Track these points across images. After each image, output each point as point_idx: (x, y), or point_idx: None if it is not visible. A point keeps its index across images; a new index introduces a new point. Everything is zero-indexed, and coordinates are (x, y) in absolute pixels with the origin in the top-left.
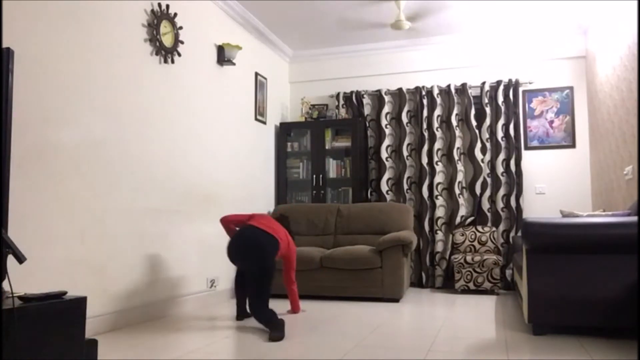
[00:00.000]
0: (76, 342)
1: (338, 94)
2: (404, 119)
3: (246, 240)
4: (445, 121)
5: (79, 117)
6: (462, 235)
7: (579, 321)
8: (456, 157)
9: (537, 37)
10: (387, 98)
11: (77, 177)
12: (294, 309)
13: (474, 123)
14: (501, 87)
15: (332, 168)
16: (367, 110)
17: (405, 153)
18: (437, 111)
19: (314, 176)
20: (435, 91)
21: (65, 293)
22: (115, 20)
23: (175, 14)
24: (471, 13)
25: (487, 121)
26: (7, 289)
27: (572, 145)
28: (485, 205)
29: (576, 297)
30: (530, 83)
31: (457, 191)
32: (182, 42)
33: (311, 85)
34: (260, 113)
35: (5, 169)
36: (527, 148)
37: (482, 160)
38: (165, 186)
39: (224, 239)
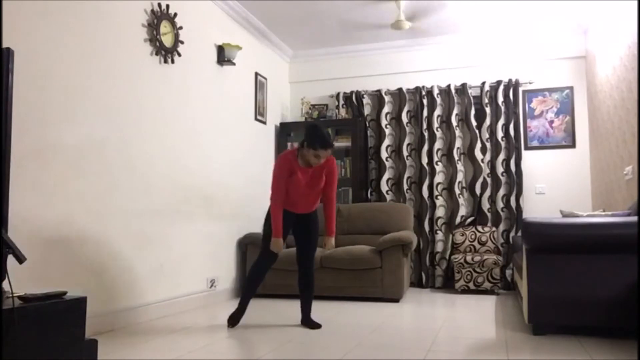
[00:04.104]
0: (76, 342)
1: (338, 94)
2: (404, 119)
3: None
4: (445, 121)
5: (79, 117)
6: (462, 235)
7: (579, 321)
8: (456, 157)
9: (537, 37)
10: (387, 98)
11: (77, 177)
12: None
13: (474, 123)
14: (501, 87)
15: None
16: (367, 110)
17: (405, 153)
18: (437, 111)
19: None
20: (435, 91)
21: (65, 293)
22: (115, 20)
23: (175, 14)
24: (471, 13)
25: (487, 121)
26: (7, 289)
27: (572, 145)
28: (485, 205)
29: (576, 297)
30: (530, 83)
31: (457, 191)
32: (182, 42)
33: (311, 85)
34: (260, 113)
35: (5, 169)
36: (527, 148)
37: (482, 160)
38: (165, 186)
39: (224, 239)
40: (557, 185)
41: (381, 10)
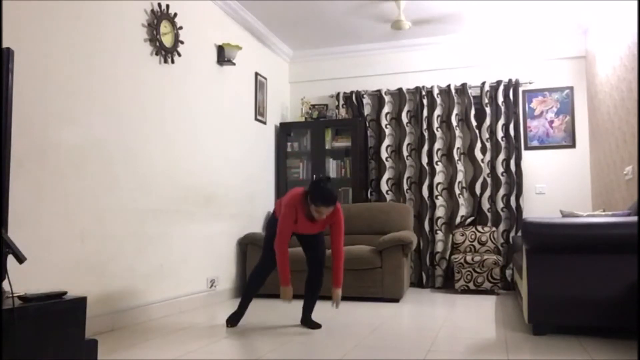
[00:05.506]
0: (76, 342)
1: (338, 94)
2: (404, 119)
3: None
4: (445, 121)
5: (79, 117)
6: (462, 235)
7: (579, 321)
8: (456, 157)
9: (537, 37)
10: (387, 98)
11: (77, 177)
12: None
13: (474, 123)
14: (501, 87)
15: (332, 168)
16: (367, 110)
17: (405, 153)
18: (437, 111)
19: (314, 176)
20: (435, 91)
21: (65, 293)
22: (115, 20)
23: (175, 14)
24: (471, 13)
25: (487, 121)
26: (7, 289)
27: (572, 145)
28: (485, 205)
29: (576, 297)
30: (530, 83)
31: (457, 191)
32: (182, 42)
33: (311, 85)
34: (260, 113)
35: (5, 168)
36: (527, 148)
37: (482, 160)
38: (165, 186)
39: (224, 239)
40: (557, 185)
41: (381, 10)
